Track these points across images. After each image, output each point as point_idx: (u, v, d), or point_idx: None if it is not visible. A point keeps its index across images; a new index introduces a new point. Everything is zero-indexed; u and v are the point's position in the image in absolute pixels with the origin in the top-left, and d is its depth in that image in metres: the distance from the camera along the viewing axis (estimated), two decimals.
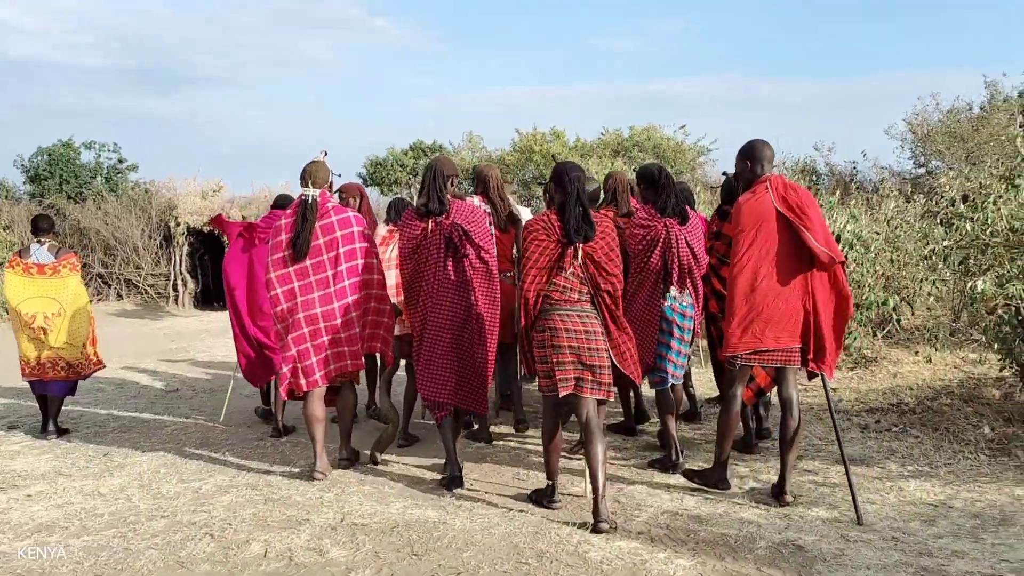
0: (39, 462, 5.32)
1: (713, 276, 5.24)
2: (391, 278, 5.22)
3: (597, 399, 4.06)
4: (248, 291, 5.95)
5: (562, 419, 4.25)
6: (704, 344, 7.13)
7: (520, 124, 21.85)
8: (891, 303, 7.39)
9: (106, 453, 5.48)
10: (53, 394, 6.01)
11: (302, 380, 4.68)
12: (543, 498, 4.28)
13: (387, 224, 5.83)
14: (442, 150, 22.03)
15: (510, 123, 47.44)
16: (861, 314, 7.40)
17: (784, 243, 4.04)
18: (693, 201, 5.90)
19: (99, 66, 46.01)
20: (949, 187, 6.45)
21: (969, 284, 5.36)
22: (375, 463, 5.06)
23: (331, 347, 4.70)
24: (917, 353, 7.77)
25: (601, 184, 5.68)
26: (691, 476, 4.54)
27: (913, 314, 8.59)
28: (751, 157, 4.23)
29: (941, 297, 8.45)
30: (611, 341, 4.11)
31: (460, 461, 4.67)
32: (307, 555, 3.67)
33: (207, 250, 15.87)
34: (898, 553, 3.59)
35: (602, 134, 19.66)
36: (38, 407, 6.16)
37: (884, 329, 8.09)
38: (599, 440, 3.98)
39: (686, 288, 4.87)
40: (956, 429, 5.34)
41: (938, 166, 16.56)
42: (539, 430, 4.63)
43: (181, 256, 15.47)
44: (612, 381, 4.09)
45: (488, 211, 5.39)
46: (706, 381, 6.99)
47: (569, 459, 4.68)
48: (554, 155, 16.47)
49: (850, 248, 7.44)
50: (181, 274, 15.49)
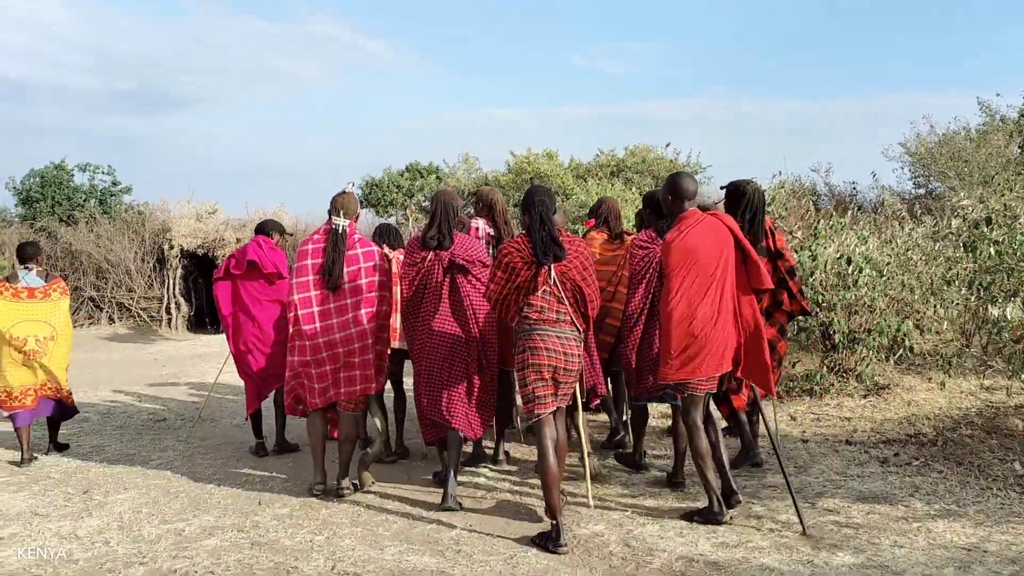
0: (15, 500, 5.04)
1: None
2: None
3: (558, 407, 4.24)
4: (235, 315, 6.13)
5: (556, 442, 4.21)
6: None
7: (512, 144, 21.74)
8: (904, 328, 7.16)
9: (86, 490, 5.19)
10: (47, 416, 6.13)
11: (315, 399, 4.87)
12: (548, 542, 4.02)
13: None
14: (438, 171, 21.87)
15: (502, 143, 47.63)
16: (873, 339, 7.16)
17: (713, 274, 4.15)
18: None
19: (89, 86, 46.03)
20: (972, 208, 6.21)
21: (996, 310, 5.11)
22: (359, 487, 5.01)
23: (345, 370, 4.87)
24: (931, 380, 7.53)
25: (592, 208, 5.96)
26: (691, 517, 4.38)
27: (923, 338, 8.35)
28: (675, 193, 4.31)
29: (951, 321, 8.21)
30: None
31: (455, 479, 4.73)
32: None
33: (200, 273, 15.61)
34: None
35: (598, 154, 19.55)
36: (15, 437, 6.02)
37: (896, 354, 7.84)
38: (557, 453, 4.15)
39: None
40: (982, 463, 5.08)
41: (938, 187, 16.44)
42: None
43: (175, 279, 15.21)
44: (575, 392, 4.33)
45: (492, 234, 5.56)
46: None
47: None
48: (531, 179, 16.43)
49: (859, 271, 7.21)
50: (175, 297, 15.23)
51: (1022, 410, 6.03)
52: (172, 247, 14.99)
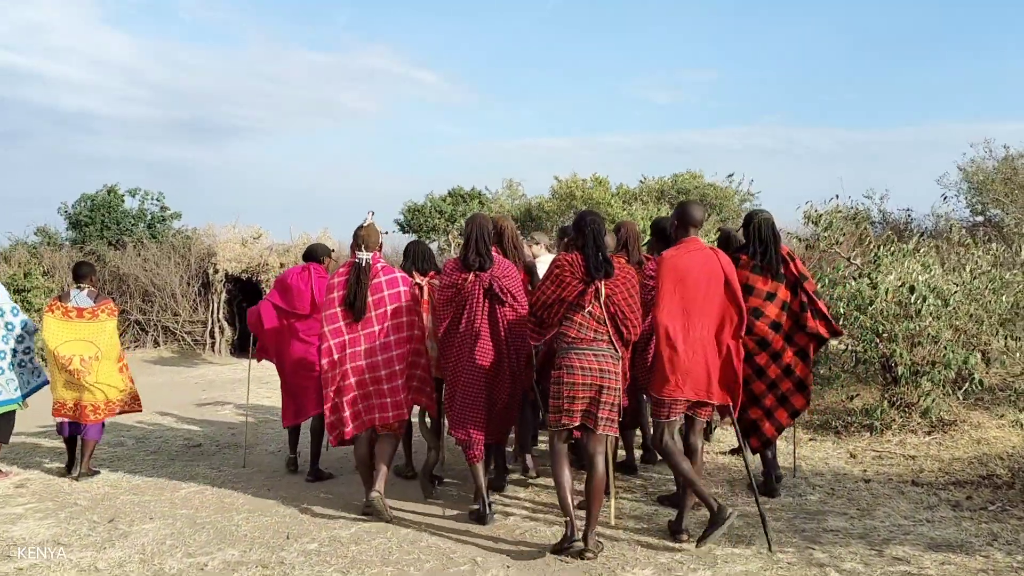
0: (40, 527, 4.90)
1: None
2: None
3: (608, 435, 4.25)
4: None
5: (571, 456, 4.37)
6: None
7: (558, 171, 21.58)
8: (971, 361, 6.71)
9: (111, 519, 5.04)
10: (88, 438, 6.08)
11: (348, 427, 4.96)
12: (563, 542, 4.20)
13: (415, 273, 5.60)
14: (481, 196, 21.78)
15: (546, 171, 47.57)
16: (938, 372, 6.72)
17: (695, 298, 4.26)
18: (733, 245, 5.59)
19: (148, 117, 47.23)
20: None
21: None
22: (429, 495, 5.32)
23: (376, 397, 4.97)
24: (1001, 416, 7.05)
25: (612, 232, 5.79)
26: (704, 537, 4.22)
27: (989, 372, 7.85)
28: (682, 220, 4.47)
29: (1023, 352, 7.70)
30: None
31: (489, 497, 4.81)
32: None
33: (245, 297, 15.64)
34: None
35: (641, 180, 19.28)
36: (65, 448, 6.19)
37: (961, 388, 7.36)
38: (603, 474, 4.19)
39: None
40: None
41: (997, 214, 15.77)
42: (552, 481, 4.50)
43: (219, 303, 15.26)
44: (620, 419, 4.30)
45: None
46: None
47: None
48: (582, 205, 16.27)
49: (923, 300, 6.79)
50: (219, 321, 15.27)
51: None
52: (217, 271, 15.07)
